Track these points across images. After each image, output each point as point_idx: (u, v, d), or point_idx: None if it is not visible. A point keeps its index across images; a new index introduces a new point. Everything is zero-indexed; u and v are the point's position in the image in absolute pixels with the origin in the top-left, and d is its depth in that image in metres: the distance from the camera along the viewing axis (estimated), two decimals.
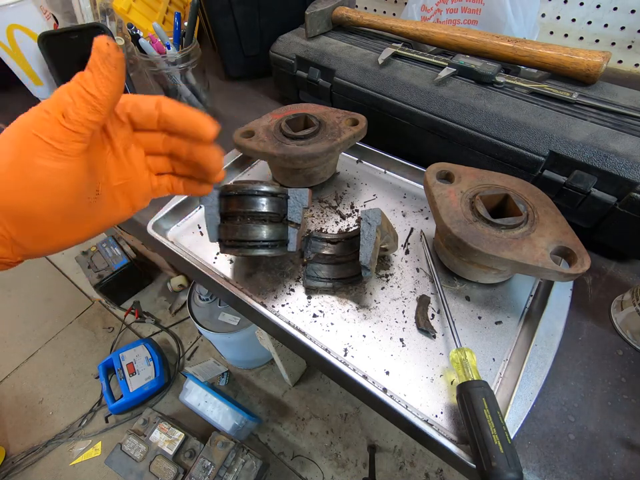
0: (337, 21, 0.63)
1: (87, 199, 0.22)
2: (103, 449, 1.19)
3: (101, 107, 0.19)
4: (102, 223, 0.25)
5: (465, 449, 0.31)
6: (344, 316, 0.42)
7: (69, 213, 0.22)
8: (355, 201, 0.53)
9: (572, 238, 0.36)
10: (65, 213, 0.21)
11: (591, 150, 0.40)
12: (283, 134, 0.48)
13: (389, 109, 0.53)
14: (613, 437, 0.33)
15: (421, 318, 0.40)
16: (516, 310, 0.41)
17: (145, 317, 1.48)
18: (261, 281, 0.45)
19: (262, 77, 0.79)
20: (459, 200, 0.40)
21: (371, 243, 0.37)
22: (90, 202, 0.22)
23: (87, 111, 0.19)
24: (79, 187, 0.21)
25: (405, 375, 0.37)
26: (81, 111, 0.19)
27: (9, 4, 0.58)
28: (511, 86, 0.48)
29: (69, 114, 0.19)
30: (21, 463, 1.17)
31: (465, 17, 0.64)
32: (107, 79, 0.19)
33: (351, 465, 1.14)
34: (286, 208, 0.40)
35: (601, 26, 0.69)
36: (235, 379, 1.32)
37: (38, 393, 1.33)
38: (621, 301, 0.40)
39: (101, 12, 0.75)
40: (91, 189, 0.22)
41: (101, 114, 0.20)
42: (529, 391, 0.34)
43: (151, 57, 0.58)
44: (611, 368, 0.37)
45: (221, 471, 0.97)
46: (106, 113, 0.20)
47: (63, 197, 0.21)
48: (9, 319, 1.54)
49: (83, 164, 0.21)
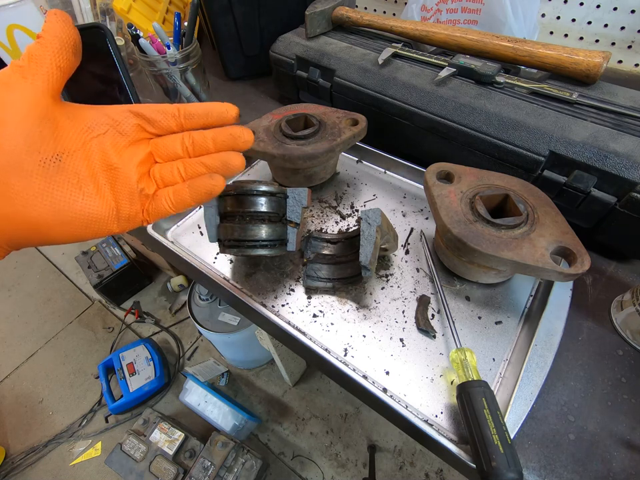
0: (336, 21, 0.63)
1: (39, 155, 0.20)
2: (103, 449, 1.19)
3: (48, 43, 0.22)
4: (75, 208, 0.22)
5: (465, 449, 0.31)
6: (344, 316, 0.42)
7: (14, 163, 0.20)
8: (355, 201, 0.53)
9: (572, 238, 0.36)
10: (10, 160, 0.20)
11: (591, 150, 0.40)
12: (283, 134, 0.48)
13: (389, 109, 0.53)
14: (612, 437, 0.33)
15: (420, 318, 0.40)
16: (516, 310, 0.41)
17: (144, 317, 1.48)
18: (260, 281, 0.45)
19: (262, 76, 0.79)
20: (458, 200, 0.40)
21: (371, 242, 0.37)
22: (44, 163, 0.21)
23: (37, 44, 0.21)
24: (28, 129, 0.20)
25: (405, 375, 0.37)
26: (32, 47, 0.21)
27: (8, 4, 0.58)
28: (510, 86, 0.48)
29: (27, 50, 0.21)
30: (20, 463, 1.17)
31: (464, 17, 0.64)
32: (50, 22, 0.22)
33: (350, 465, 1.14)
34: (285, 207, 0.40)
35: (600, 26, 0.69)
36: (235, 379, 1.32)
37: (38, 393, 1.33)
38: (620, 301, 0.40)
39: (100, 12, 0.75)
40: (47, 146, 0.21)
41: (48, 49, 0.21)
42: (529, 391, 0.34)
43: (151, 57, 0.58)
44: (611, 368, 0.37)
45: (221, 471, 0.97)
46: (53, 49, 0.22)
47: (7, 130, 0.19)
48: (9, 319, 1.54)
49: (40, 105, 0.21)
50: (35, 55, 0.21)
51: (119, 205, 0.24)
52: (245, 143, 0.26)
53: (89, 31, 0.57)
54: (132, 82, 0.56)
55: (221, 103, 0.26)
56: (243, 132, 0.26)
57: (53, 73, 0.21)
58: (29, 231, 0.21)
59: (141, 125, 0.25)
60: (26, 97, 0.20)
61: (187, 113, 0.25)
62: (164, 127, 0.25)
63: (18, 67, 0.21)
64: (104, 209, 0.23)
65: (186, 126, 0.26)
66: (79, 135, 0.23)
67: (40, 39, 0.21)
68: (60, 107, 0.22)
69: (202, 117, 0.26)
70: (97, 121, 0.23)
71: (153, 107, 0.25)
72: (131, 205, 0.24)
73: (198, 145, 0.25)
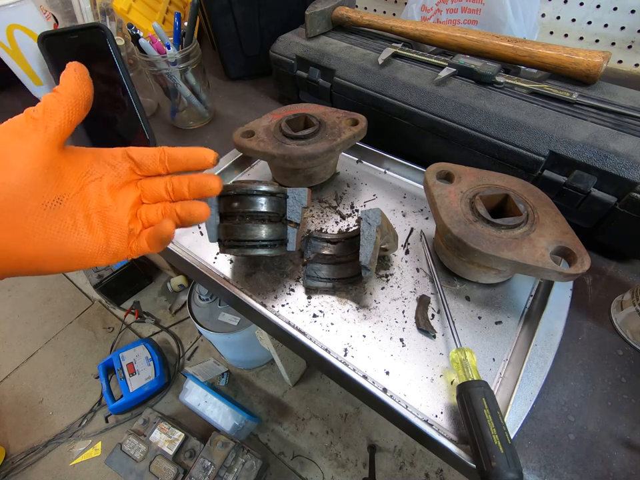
0: (336, 21, 0.63)
1: (42, 199, 0.22)
2: (103, 449, 1.19)
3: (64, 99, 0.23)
4: (68, 246, 0.23)
5: (465, 449, 0.31)
6: (344, 316, 0.42)
7: (20, 205, 0.21)
8: (355, 201, 0.53)
9: (572, 238, 0.36)
10: (16, 202, 0.21)
11: (591, 150, 0.40)
12: (283, 134, 0.48)
13: (389, 109, 0.53)
14: (612, 437, 0.33)
15: (420, 318, 0.40)
16: (516, 310, 0.41)
17: (144, 317, 1.48)
18: (260, 281, 0.45)
19: (262, 76, 0.79)
20: (458, 200, 0.40)
21: (371, 242, 0.37)
22: (46, 206, 0.22)
23: (53, 98, 0.23)
24: (36, 176, 0.21)
25: (405, 375, 0.37)
26: (48, 100, 0.23)
27: (8, 4, 0.58)
28: (510, 86, 0.48)
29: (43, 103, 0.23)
30: (20, 463, 1.17)
31: (464, 17, 0.64)
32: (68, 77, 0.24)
33: (350, 465, 1.14)
34: (285, 207, 0.40)
35: (600, 26, 0.69)
36: (235, 379, 1.32)
37: (38, 393, 1.33)
38: (620, 301, 0.40)
39: (100, 12, 0.75)
40: (50, 191, 0.22)
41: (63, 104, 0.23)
42: (529, 391, 0.34)
43: (150, 57, 0.58)
44: (611, 368, 0.37)
45: (221, 471, 0.97)
46: (68, 105, 0.23)
47: (16, 176, 0.21)
48: (9, 319, 1.54)
49: (48, 154, 0.22)
50: (50, 109, 0.22)
51: (108, 242, 0.26)
52: (210, 191, 0.28)
53: (88, 31, 0.57)
54: (132, 82, 0.57)
55: (203, 149, 0.29)
56: (209, 181, 0.28)
57: (64, 126, 0.23)
58: (22, 264, 0.23)
59: (132, 168, 0.27)
60: (37, 147, 0.22)
61: (171, 158, 0.28)
62: (152, 169, 0.28)
63: (32, 118, 0.22)
64: (94, 246, 0.25)
65: (170, 169, 0.28)
66: (78, 179, 0.25)
67: (56, 94, 0.23)
68: (64, 154, 0.24)
69: (183, 162, 0.28)
70: (95, 165, 0.26)
71: (142, 151, 0.28)
72: (120, 243, 0.26)
73: (177, 190, 0.28)
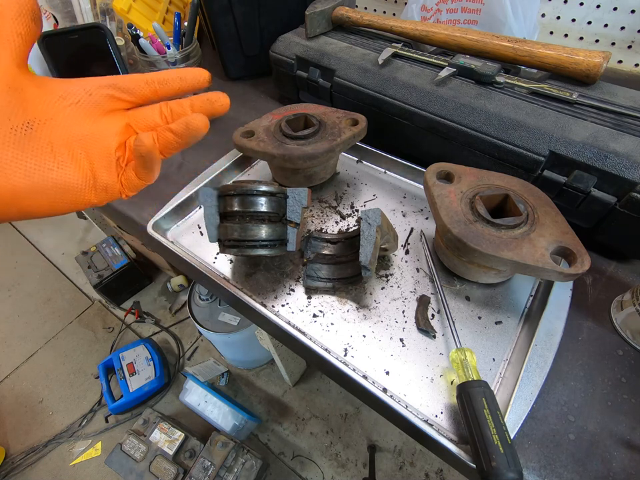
0: (336, 21, 0.63)
1: (9, 122, 0.20)
2: (103, 449, 1.19)
3: (6, 4, 0.20)
4: (50, 177, 0.21)
5: (465, 449, 0.31)
6: (344, 316, 0.42)
7: None
8: (355, 201, 0.53)
9: (572, 238, 0.36)
10: None
11: (591, 150, 0.40)
12: (283, 134, 0.48)
13: (389, 109, 0.53)
14: (612, 437, 0.33)
15: (421, 318, 0.40)
16: (516, 310, 0.41)
17: (144, 317, 1.48)
18: (260, 281, 0.45)
19: (262, 76, 0.79)
20: (458, 200, 0.40)
21: (371, 242, 0.37)
22: (15, 130, 0.20)
23: None
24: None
25: (405, 375, 0.37)
26: None
27: None
28: (510, 86, 0.48)
29: None
30: (20, 463, 1.17)
31: (465, 17, 0.64)
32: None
33: (351, 465, 1.14)
34: (285, 207, 0.40)
35: (600, 26, 0.69)
36: (235, 379, 1.32)
37: (38, 393, 1.33)
38: (620, 301, 0.40)
39: (100, 12, 0.75)
40: (16, 114, 0.20)
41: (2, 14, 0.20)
42: (529, 391, 0.34)
43: (151, 57, 0.58)
44: (611, 368, 0.37)
45: (221, 471, 0.97)
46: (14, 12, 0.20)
47: None
48: (9, 319, 1.54)
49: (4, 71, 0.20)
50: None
51: (95, 174, 0.23)
52: (222, 107, 0.26)
53: (88, 31, 0.57)
54: None
55: (193, 68, 0.26)
56: (219, 96, 0.26)
57: (14, 40, 0.20)
58: (3, 202, 0.21)
59: (114, 95, 0.24)
60: None
61: (161, 79, 0.25)
62: (138, 94, 0.25)
63: None
64: (79, 178, 0.23)
65: (160, 92, 0.26)
66: (50, 104, 0.22)
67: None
68: (27, 76, 0.22)
69: (176, 81, 0.26)
70: (69, 90, 0.23)
71: (127, 76, 0.25)
72: (109, 174, 0.24)
73: (176, 113, 0.26)
